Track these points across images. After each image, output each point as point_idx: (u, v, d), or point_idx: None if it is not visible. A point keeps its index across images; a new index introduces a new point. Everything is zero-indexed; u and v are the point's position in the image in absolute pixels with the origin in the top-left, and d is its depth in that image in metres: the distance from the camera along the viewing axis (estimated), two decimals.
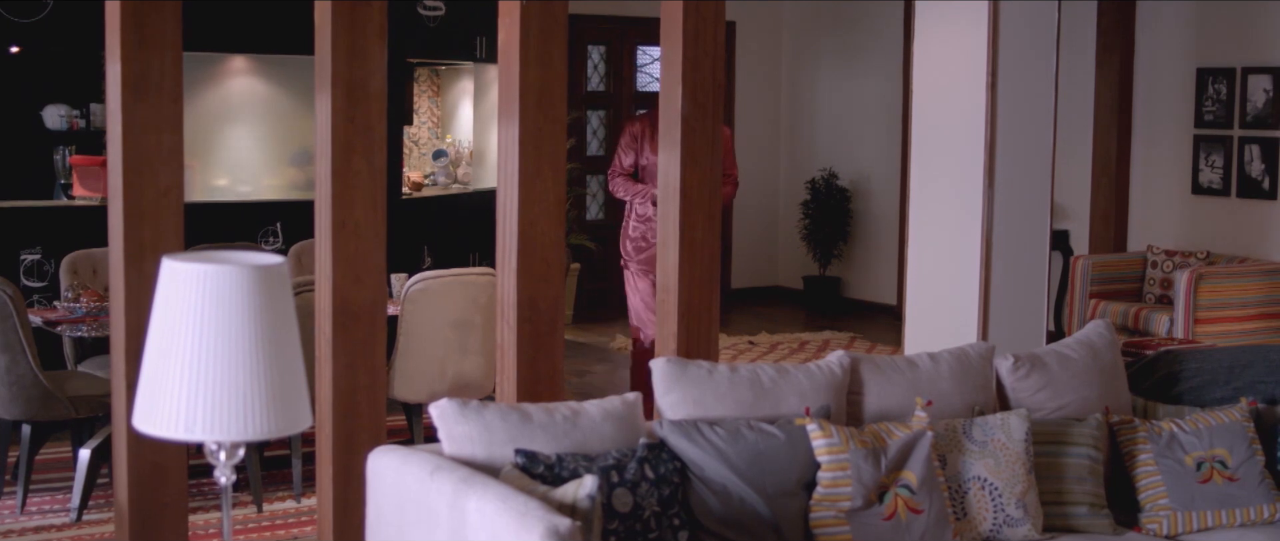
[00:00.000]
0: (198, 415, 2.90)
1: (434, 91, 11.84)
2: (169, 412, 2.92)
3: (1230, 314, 9.32)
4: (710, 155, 5.31)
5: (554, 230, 5.11)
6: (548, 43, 5.02)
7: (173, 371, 2.92)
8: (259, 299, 2.91)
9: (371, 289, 5.08)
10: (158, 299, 2.96)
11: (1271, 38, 9.93)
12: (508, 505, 3.40)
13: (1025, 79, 7.21)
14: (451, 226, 10.55)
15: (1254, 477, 4.81)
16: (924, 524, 4.27)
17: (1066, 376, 4.94)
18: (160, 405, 2.93)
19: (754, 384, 4.41)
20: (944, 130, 7.35)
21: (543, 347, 5.13)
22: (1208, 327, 9.18)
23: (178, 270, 2.92)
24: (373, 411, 5.10)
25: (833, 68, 13.71)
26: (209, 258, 2.96)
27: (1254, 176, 10.06)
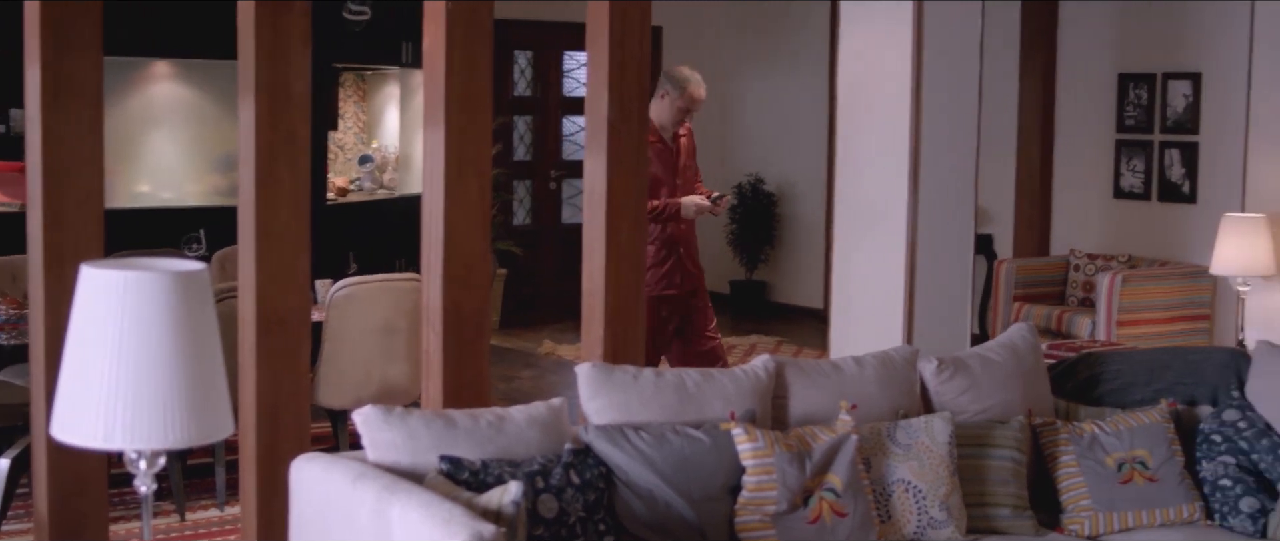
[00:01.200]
0: (117, 424, 2.87)
1: (360, 96, 11.78)
2: (88, 421, 2.89)
3: (1151, 316, 9.42)
4: (636, 160, 5.30)
5: (479, 236, 5.09)
6: (473, 47, 5.00)
7: (92, 380, 2.89)
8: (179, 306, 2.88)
9: (295, 295, 5.04)
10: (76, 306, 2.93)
11: (1191, 44, 10.05)
12: (431, 512, 3.39)
13: (949, 82, 7.26)
14: (377, 232, 10.50)
15: (1174, 478, 4.86)
16: (849, 527, 4.29)
17: (990, 379, 4.98)
18: (79, 414, 2.90)
19: (679, 388, 4.42)
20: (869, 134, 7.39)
21: (468, 354, 5.11)
22: (1129, 330, 9.28)
23: (97, 277, 2.89)
24: (297, 419, 5.06)
25: (759, 72, 13.76)
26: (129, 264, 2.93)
27: (1174, 180, 10.18)
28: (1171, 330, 9.42)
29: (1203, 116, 9.98)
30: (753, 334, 12.19)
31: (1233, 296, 9.13)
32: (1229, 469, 4.90)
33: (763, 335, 12.13)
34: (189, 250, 9.27)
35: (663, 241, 7.36)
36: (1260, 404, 5.05)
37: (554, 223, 13.41)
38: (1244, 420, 5.01)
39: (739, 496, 4.24)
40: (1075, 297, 10.22)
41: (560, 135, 13.44)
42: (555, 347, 11.31)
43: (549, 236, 13.29)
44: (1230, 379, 5.21)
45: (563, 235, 13.11)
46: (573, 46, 13.07)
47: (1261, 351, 5.23)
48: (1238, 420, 5.01)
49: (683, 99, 7.29)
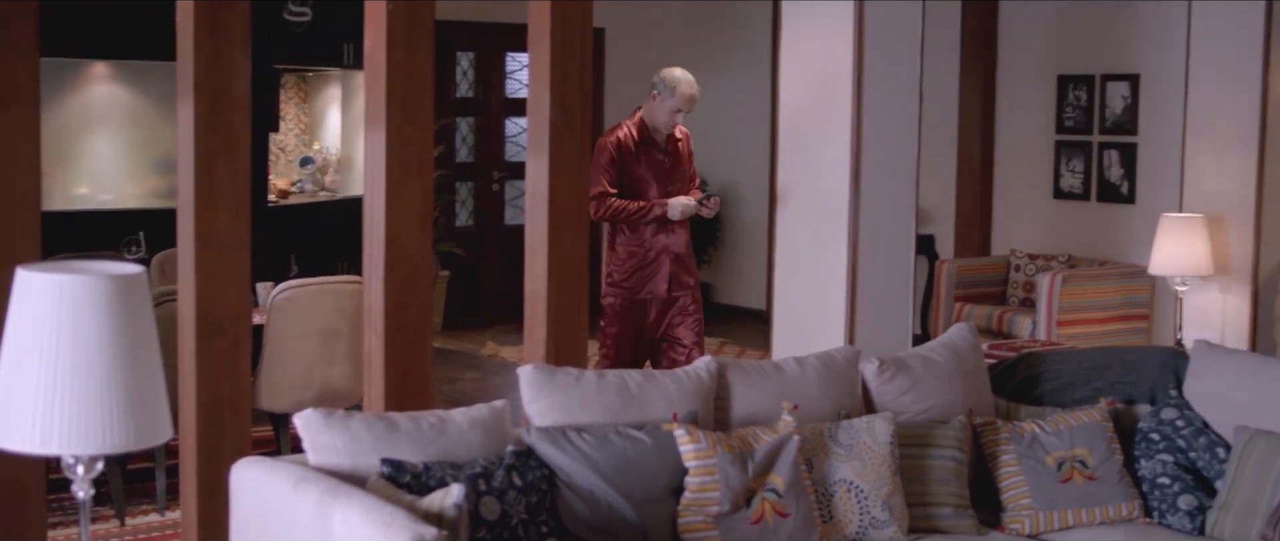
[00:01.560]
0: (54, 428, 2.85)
1: (301, 97, 11.72)
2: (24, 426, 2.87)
3: (1091, 316, 9.49)
4: (578, 162, 5.30)
5: (421, 238, 5.08)
6: (414, 48, 4.99)
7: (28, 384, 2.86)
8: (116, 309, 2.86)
9: (235, 298, 5.02)
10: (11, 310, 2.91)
11: (1129, 45, 10.13)
12: (373, 515, 3.37)
13: (890, 83, 7.29)
14: (319, 234, 10.45)
15: (1113, 476, 4.90)
16: (791, 527, 4.30)
17: (931, 379, 5.00)
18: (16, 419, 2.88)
19: (621, 390, 4.42)
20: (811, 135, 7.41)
21: (411, 356, 5.10)
22: (1069, 329, 9.35)
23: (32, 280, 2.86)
24: (237, 422, 5.04)
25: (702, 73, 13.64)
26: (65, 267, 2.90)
27: (1113, 181, 10.26)
28: (1111, 329, 9.50)
29: (1141, 118, 10.07)
30: None
31: (1171, 296, 9.21)
32: (1167, 467, 4.94)
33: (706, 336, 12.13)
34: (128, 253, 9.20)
35: (653, 246, 7.30)
36: (1197, 402, 5.10)
37: (497, 224, 13.39)
38: (1182, 418, 5.05)
39: (681, 497, 4.24)
40: (1016, 298, 10.29)
41: (503, 137, 13.42)
42: (498, 349, 11.29)
43: (492, 238, 13.27)
44: (1168, 378, 5.25)
45: (506, 237, 13.08)
46: (515, 48, 13.04)
47: (1199, 350, 5.27)
48: (1176, 419, 5.06)
49: (675, 99, 7.21)
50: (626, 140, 7.31)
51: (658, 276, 7.32)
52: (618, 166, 7.26)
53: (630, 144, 7.30)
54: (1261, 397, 4.93)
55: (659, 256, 7.31)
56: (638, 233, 7.30)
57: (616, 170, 7.26)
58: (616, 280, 7.34)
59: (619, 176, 7.27)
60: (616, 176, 7.27)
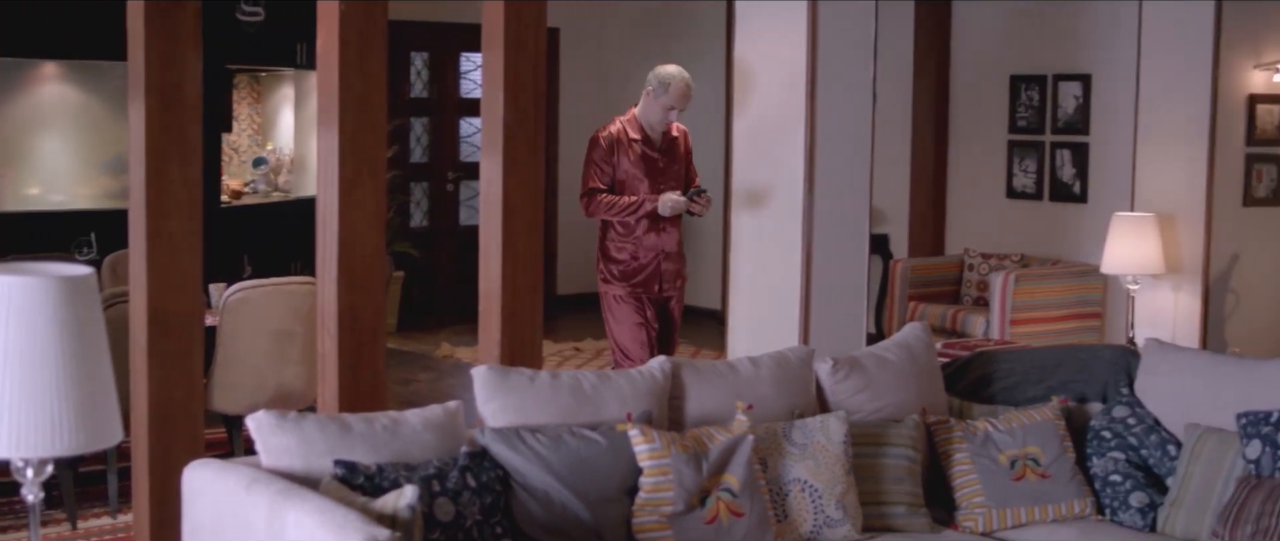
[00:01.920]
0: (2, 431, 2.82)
1: (254, 98, 11.67)
2: None
3: (1044, 315, 9.54)
4: (532, 162, 5.29)
5: (375, 238, 5.07)
6: (367, 48, 4.98)
7: None
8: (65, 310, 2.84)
9: (188, 299, 5.00)
10: None
11: (1081, 46, 10.19)
12: (326, 517, 3.36)
13: (844, 83, 7.31)
14: (272, 235, 10.40)
15: (1065, 474, 4.93)
16: (745, 526, 4.31)
17: (884, 378, 5.02)
18: None
19: (576, 390, 4.42)
20: (764, 135, 7.42)
21: (364, 357, 5.09)
22: (1022, 328, 9.40)
23: None
24: (190, 424, 5.01)
25: None
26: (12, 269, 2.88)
27: (1065, 181, 10.32)
28: (1063, 328, 9.55)
29: (1093, 117, 10.13)
30: None
31: (1123, 294, 9.27)
32: (1119, 464, 4.97)
33: None
34: (80, 254, 9.14)
35: (645, 246, 7.26)
36: (1149, 400, 5.13)
37: (452, 225, 13.36)
38: (1133, 416, 5.08)
39: (636, 497, 4.24)
40: (970, 297, 10.33)
41: (457, 137, 13.39)
42: (453, 350, 11.27)
43: (447, 239, 13.24)
44: (1120, 376, 5.29)
45: (460, 237, 13.05)
46: (469, 48, 13.01)
47: (1150, 348, 5.31)
48: (1127, 416, 5.09)
49: (668, 97, 7.16)
50: (620, 136, 7.25)
51: (652, 276, 7.30)
52: (610, 163, 7.22)
53: (624, 140, 7.24)
54: (1211, 395, 4.97)
55: (652, 258, 7.29)
56: (631, 233, 7.26)
57: (609, 167, 7.22)
58: (613, 278, 7.32)
59: (612, 173, 7.23)
60: (609, 173, 7.23)
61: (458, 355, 11.10)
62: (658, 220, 7.25)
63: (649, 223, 7.24)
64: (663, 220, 7.25)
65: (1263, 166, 9.77)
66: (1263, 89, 9.66)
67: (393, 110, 10.76)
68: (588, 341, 11.80)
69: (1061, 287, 9.69)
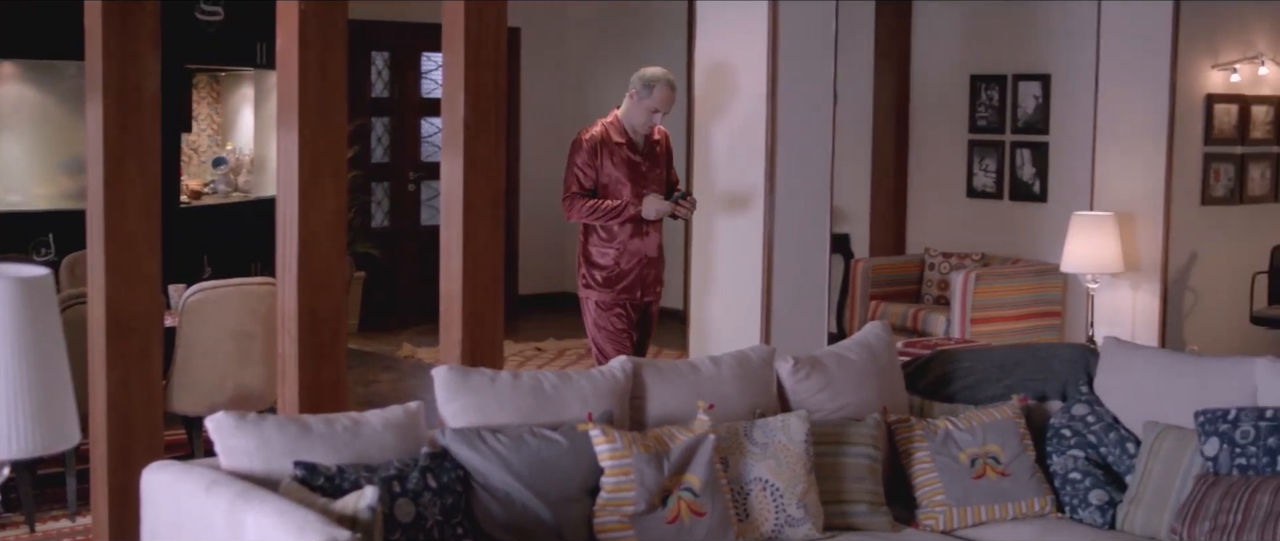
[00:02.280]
0: None
1: (214, 97, 11.61)
2: None
3: (1004, 313, 9.58)
4: (493, 162, 5.29)
5: (335, 239, 5.05)
6: (327, 48, 4.96)
7: None
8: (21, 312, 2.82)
9: (147, 300, 4.97)
10: None
11: (1041, 46, 10.24)
12: (286, 519, 3.35)
13: (805, 83, 7.33)
14: (232, 235, 10.36)
15: (1025, 472, 4.95)
16: (707, 526, 4.31)
17: (845, 377, 5.03)
18: None
19: (536, 390, 4.41)
20: (725, 135, 7.44)
21: (325, 358, 5.06)
22: (983, 327, 9.43)
23: None
24: (149, 426, 4.99)
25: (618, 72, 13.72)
26: None
27: (1025, 180, 10.36)
28: (1024, 326, 9.59)
29: (1052, 117, 10.18)
30: None
31: (1083, 293, 9.32)
32: (1078, 462, 4.99)
33: None
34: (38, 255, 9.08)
35: (627, 252, 7.07)
36: (1108, 398, 5.16)
37: (413, 225, 13.33)
38: (1092, 414, 5.11)
39: (597, 497, 4.24)
40: (930, 296, 10.37)
41: (418, 137, 13.36)
42: (415, 350, 11.24)
43: (408, 239, 13.21)
44: (1079, 374, 5.31)
45: (422, 237, 13.02)
46: (430, 47, 12.99)
47: (1109, 347, 5.33)
48: (1086, 414, 5.11)
49: (652, 99, 6.99)
50: (603, 139, 7.06)
51: (635, 281, 7.13)
52: (593, 166, 7.03)
53: (608, 143, 7.06)
54: (1170, 393, 5.00)
55: (636, 263, 7.12)
56: (614, 238, 7.08)
57: (592, 170, 7.03)
58: (596, 285, 7.14)
59: (594, 177, 7.04)
60: (592, 176, 7.04)
61: (419, 355, 11.08)
62: (641, 224, 7.09)
63: (632, 227, 7.07)
64: (645, 224, 7.10)
65: (1220, 166, 9.84)
66: (1220, 89, 9.73)
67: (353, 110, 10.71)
68: (549, 341, 11.79)
69: (1021, 287, 9.74)
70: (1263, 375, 4.86)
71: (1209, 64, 9.63)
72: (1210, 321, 9.79)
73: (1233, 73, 9.73)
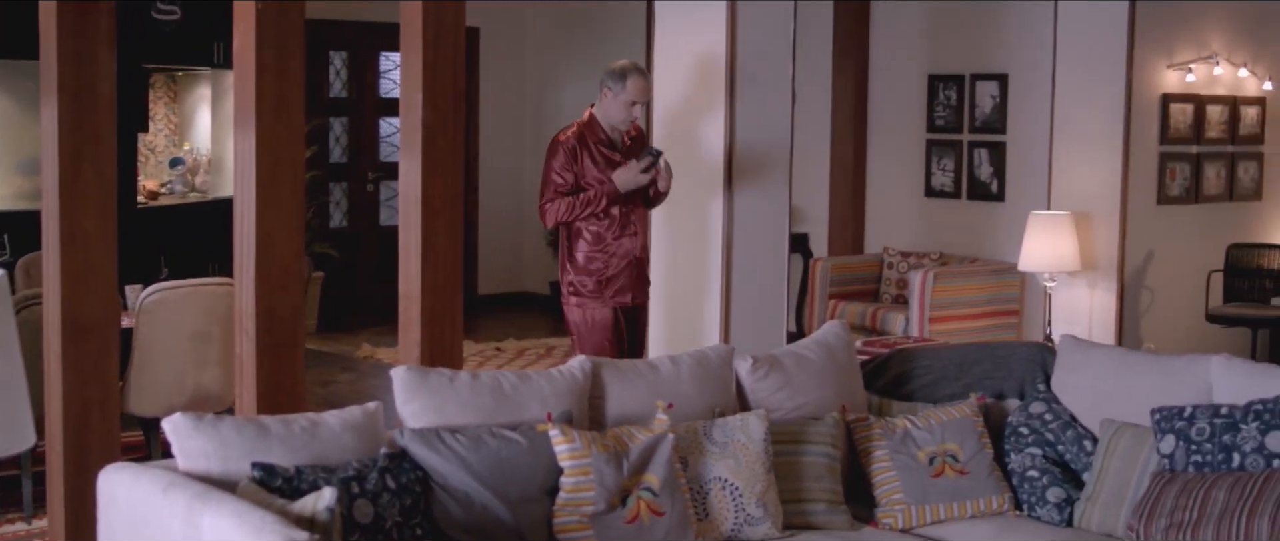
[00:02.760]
0: None
1: (171, 97, 11.55)
2: None
3: (962, 312, 9.62)
4: (452, 162, 5.28)
5: (293, 239, 5.04)
6: (285, 48, 4.94)
7: None
8: None
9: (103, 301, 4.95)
10: None
11: (998, 46, 10.28)
12: (244, 520, 3.34)
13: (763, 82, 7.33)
14: (190, 236, 10.31)
15: (983, 470, 4.97)
16: (666, 525, 4.31)
17: (804, 377, 5.04)
18: None
19: (495, 390, 4.41)
20: (684, 134, 7.44)
21: (283, 358, 5.05)
22: (941, 326, 9.47)
23: None
24: (106, 428, 4.96)
25: (577, 72, 13.77)
26: None
27: (983, 179, 10.41)
28: (982, 325, 9.63)
29: (1010, 116, 10.22)
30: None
31: (1040, 292, 9.36)
32: (1036, 460, 5.02)
33: None
34: None
35: (616, 252, 6.69)
36: (1065, 396, 5.18)
37: (371, 225, 13.30)
38: (1050, 412, 5.13)
39: (557, 497, 4.24)
40: (889, 295, 10.40)
41: (377, 136, 13.33)
42: (374, 351, 11.22)
43: (367, 239, 13.17)
44: (1036, 372, 5.33)
45: (381, 237, 12.99)
46: (389, 47, 12.95)
47: (1066, 345, 5.36)
48: (1044, 412, 5.14)
49: (627, 92, 6.61)
50: (580, 139, 6.68)
51: (623, 284, 6.72)
52: (572, 170, 6.64)
53: (587, 143, 6.68)
54: (1126, 391, 5.02)
55: (625, 266, 6.73)
56: (601, 243, 6.68)
57: (571, 173, 6.64)
58: (583, 291, 6.72)
59: (574, 180, 6.64)
60: (570, 180, 6.64)
61: (378, 356, 11.05)
62: (627, 222, 6.70)
63: (619, 228, 6.68)
64: (631, 222, 6.72)
65: (1176, 165, 9.90)
66: (1176, 88, 9.80)
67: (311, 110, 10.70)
68: (509, 341, 11.78)
69: (979, 285, 9.78)
70: (1218, 373, 4.89)
71: (1164, 64, 9.69)
72: (1166, 320, 9.85)
73: (1188, 72, 9.80)
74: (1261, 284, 10.23)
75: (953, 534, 4.81)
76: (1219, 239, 10.29)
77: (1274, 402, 4.59)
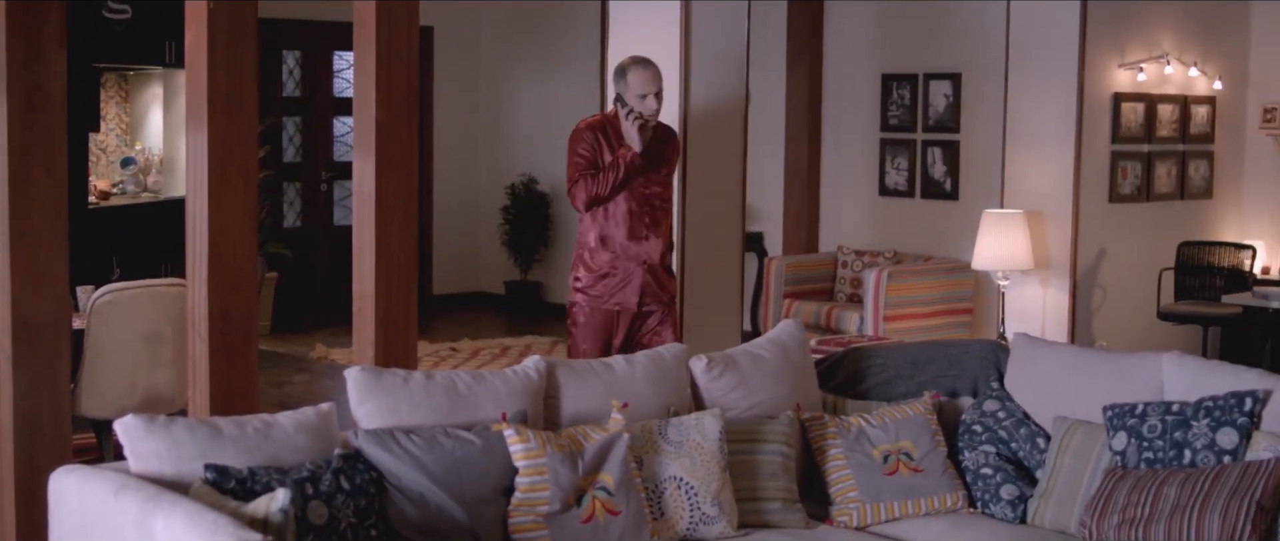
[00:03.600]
0: None
1: (122, 97, 11.48)
2: None
3: (916, 311, 9.66)
4: (406, 161, 5.27)
5: (246, 239, 5.02)
6: (237, 47, 4.92)
7: None
8: None
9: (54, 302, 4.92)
10: None
11: (951, 46, 10.33)
12: (197, 522, 3.32)
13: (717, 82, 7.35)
14: (142, 236, 10.25)
15: (938, 468, 4.99)
16: (621, 525, 4.31)
17: (759, 375, 5.05)
18: None
19: (450, 391, 4.40)
20: None
21: (236, 359, 5.03)
22: (896, 324, 9.50)
23: None
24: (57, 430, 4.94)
25: (532, 72, 13.77)
26: None
27: (936, 178, 10.45)
28: (936, 323, 9.67)
29: (963, 116, 10.27)
30: (528, 334, 12.19)
31: (994, 290, 9.41)
32: (990, 458, 5.04)
33: (538, 335, 12.14)
34: None
35: (625, 254, 6.48)
36: (1018, 394, 5.21)
37: (325, 225, 13.25)
38: (1003, 410, 5.16)
39: (512, 497, 4.24)
40: (844, 293, 10.43)
41: (331, 136, 13.28)
42: (328, 352, 11.17)
43: (320, 239, 13.12)
44: (990, 370, 5.36)
45: (335, 237, 12.94)
46: (342, 46, 12.90)
47: (1019, 343, 5.39)
48: (997, 410, 5.16)
49: (630, 87, 6.40)
50: (602, 125, 6.51)
51: (628, 287, 6.51)
52: (596, 150, 6.44)
53: (607, 130, 6.48)
54: (1079, 388, 5.05)
55: (631, 266, 6.51)
56: (606, 241, 6.49)
57: (593, 151, 6.44)
58: (583, 286, 6.59)
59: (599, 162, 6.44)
60: (592, 158, 6.45)
61: (333, 356, 11.01)
62: (638, 228, 6.47)
63: (628, 228, 6.47)
64: (642, 229, 6.49)
65: (1128, 163, 9.97)
66: (1127, 88, 9.87)
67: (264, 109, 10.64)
68: (464, 341, 11.76)
69: (933, 284, 9.82)
70: (1169, 370, 4.93)
71: (1116, 63, 9.76)
72: (1118, 317, 9.92)
73: (1139, 72, 9.87)
74: (1212, 281, 10.32)
75: (907, 531, 4.83)
76: (1170, 237, 10.37)
77: (1224, 399, 4.63)
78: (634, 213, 6.52)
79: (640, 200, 6.52)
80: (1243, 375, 4.78)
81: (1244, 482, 4.32)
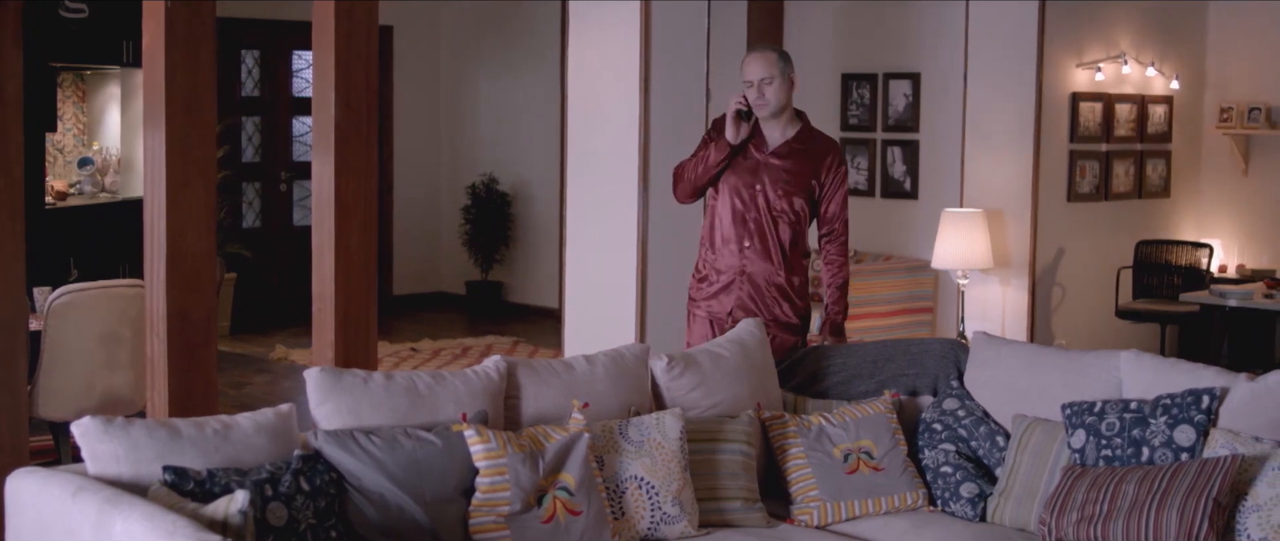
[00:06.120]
0: None
1: (79, 96, 11.42)
2: None
3: (877, 309, 9.68)
4: (365, 161, 5.25)
5: (204, 240, 4.99)
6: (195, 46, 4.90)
7: None
8: None
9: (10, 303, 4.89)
10: None
11: (910, 45, 10.35)
12: (155, 525, 3.30)
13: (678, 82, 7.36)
14: (100, 237, 10.20)
15: (898, 467, 5.01)
16: (582, 525, 4.31)
17: (719, 375, 5.05)
18: None
19: (410, 391, 4.39)
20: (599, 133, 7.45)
21: (195, 360, 5.01)
22: (856, 323, 9.50)
23: None
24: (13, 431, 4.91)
25: (492, 72, 13.75)
26: None
27: (896, 177, 10.48)
28: (896, 322, 9.70)
29: (922, 115, 10.29)
30: (489, 334, 12.18)
31: (954, 289, 9.44)
32: (949, 456, 5.06)
33: (499, 335, 12.13)
34: None
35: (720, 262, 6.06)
36: (978, 392, 5.23)
37: (285, 225, 13.20)
38: (963, 408, 5.18)
39: (472, 498, 4.23)
40: None
41: (290, 136, 13.23)
42: (288, 352, 11.14)
43: (280, 239, 13.08)
44: (949, 369, 5.38)
45: (294, 238, 12.90)
46: (302, 46, 12.85)
47: (978, 342, 5.41)
48: (957, 408, 5.18)
49: (743, 77, 6.07)
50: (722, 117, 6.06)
51: (724, 297, 6.05)
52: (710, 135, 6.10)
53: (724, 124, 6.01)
54: (1038, 386, 5.08)
55: (727, 278, 6.06)
56: (708, 247, 6.08)
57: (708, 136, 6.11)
58: (691, 293, 6.20)
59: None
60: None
61: (292, 357, 10.98)
62: (741, 243, 6.00)
63: (736, 243, 6.00)
64: (743, 245, 6.02)
65: (1086, 162, 10.02)
66: (1085, 87, 9.92)
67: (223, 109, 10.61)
68: (424, 342, 11.73)
69: (893, 283, 9.84)
70: (1127, 368, 4.96)
71: (1074, 63, 9.81)
72: (1077, 316, 9.97)
73: (1097, 71, 9.92)
74: (1170, 280, 10.38)
75: (868, 530, 4.84)
76: (1128, 236, 10.43)
77: (1182, 397, 4.66)
78: (737, 232, 6.04)
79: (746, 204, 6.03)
80: (1200, 373, 4.81)
81: (1201, 479, 4.35)
